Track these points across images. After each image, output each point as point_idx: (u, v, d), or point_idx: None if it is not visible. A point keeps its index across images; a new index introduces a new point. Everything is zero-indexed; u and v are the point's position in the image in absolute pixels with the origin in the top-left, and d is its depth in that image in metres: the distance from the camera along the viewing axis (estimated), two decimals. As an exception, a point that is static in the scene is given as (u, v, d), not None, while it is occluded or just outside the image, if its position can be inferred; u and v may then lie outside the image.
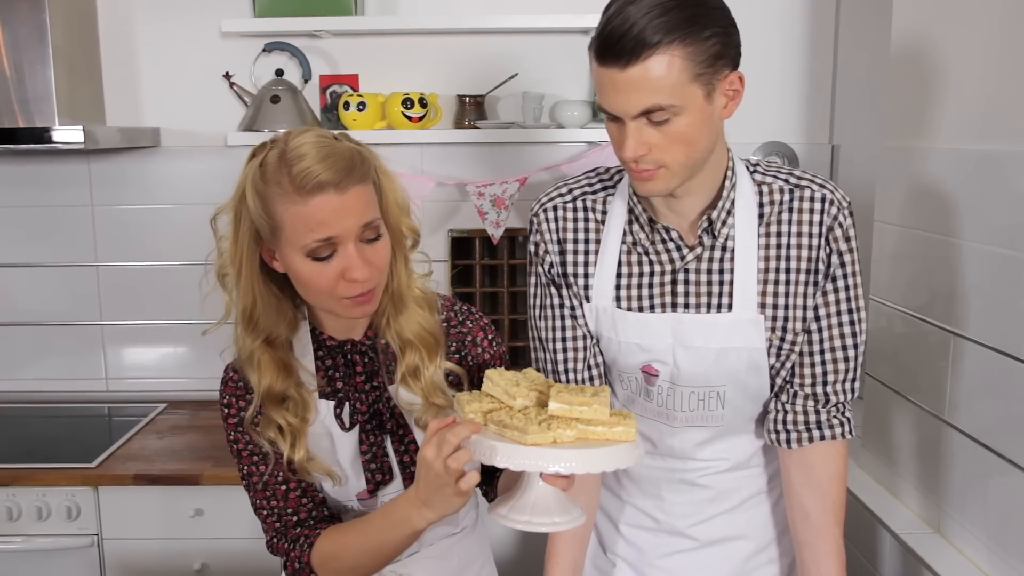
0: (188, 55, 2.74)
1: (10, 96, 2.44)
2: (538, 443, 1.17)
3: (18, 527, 2.32)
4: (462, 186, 2.68)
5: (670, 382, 1.50)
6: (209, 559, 2.36)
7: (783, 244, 1.46)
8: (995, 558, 1.74)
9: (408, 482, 1.45)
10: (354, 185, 1.27)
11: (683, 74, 1.26)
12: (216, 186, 2.73)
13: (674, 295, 1.47)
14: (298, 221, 1.25)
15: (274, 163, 1.27)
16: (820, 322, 1.47)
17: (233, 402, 1.43)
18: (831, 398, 1.50)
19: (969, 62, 1.84)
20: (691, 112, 1.29)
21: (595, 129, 2.66)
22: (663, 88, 1.26)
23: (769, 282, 1.46)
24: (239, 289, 1.35)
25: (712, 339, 1.46)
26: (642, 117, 1.29)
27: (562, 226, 1.53)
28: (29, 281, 2.86)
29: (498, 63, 2.70)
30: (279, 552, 1.43)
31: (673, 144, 1.31)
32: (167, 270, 2.85)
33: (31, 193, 2.81)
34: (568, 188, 1.55)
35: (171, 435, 2.57)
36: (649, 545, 1.64)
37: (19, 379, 2.90)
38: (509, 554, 2.36)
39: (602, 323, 1.51)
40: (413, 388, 1.41)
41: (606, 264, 1.50)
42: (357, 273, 1.28)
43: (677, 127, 1.29)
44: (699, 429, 1.54)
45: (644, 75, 1.25)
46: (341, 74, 2.73)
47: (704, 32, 1.27)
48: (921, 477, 2.02)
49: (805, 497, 1.52)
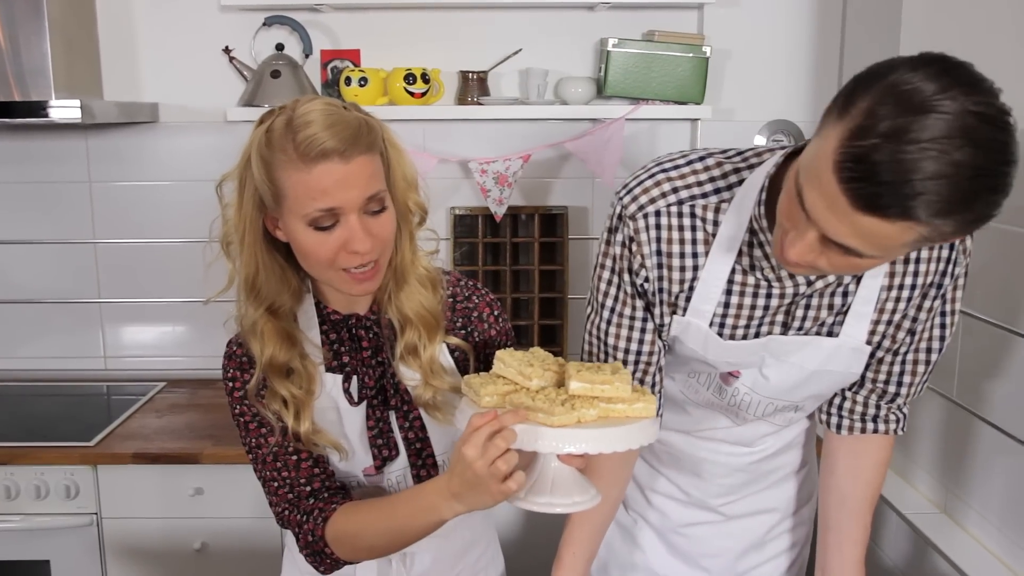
0: (187, 29, 2.70)
1: (5, 69, 2.39)
2: (564, 424, 1.14)
3: (16, 506, 2.30)
4: (465, 163, 2.65)
5: (750, 388, 1.40)
6: (209, 538, 2.34)
7: (912, 259, 1.31)
8: (1004, 539, 1.72)
9: (413, 458, 1.43)
10: (359, 155, 1.23)
11: (909, 245, 1.04)
12: (216, 162, 2.70)
13: (787, 316, 1.34)
14: (301, 189, 1.22)
15: (280, 129, 1.24)
16: (916, 324, 1.36)
17: (237, 375, 1.40)
18: (899, 398, 1.43)
19: (980, 37, 1.81)
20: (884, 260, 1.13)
21: (599, 106, 2.63)
22: (880, 246, 1.03)
23: (889, 299, 1.33)
24: (242, 257, 1.33)
25: (809, 360, 1.36)
26: (837, 247, 1.07)
27: (666, 236, 1.31)
28: (26, 258, 2.83)
29: (502, 39, 2.67)
30: (290, 524, 1.40)
31: (844, 266, 1.11)
32: (166, 247, 2.82)
33: (27, 169, 2.78)
34: (673, 187, 1.31)
35: (170, 414, 2.55)
36: (676, 514, 1.62)
37: (17, 357, 2.87)
38: (514, 535, 2.35)
39: (690, 337, 1.36)
40: (412, 365, 1.40)
41: (711, 284, 1.31)
42: (359, 245, 1.25)
43: (861, 263, 1.10)
44: (765, 424, 1.50)
45: (874, 231, 1.00)
46: (343, 49, 2.69)
47: (987, 215, 1.01)
48: (929, 458, 2.01)
49: (846, 484, 1.48)
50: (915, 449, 2.06)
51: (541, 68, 2.64)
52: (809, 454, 1.62)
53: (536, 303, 2.78)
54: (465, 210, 2.74)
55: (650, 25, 2.65)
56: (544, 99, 2.65)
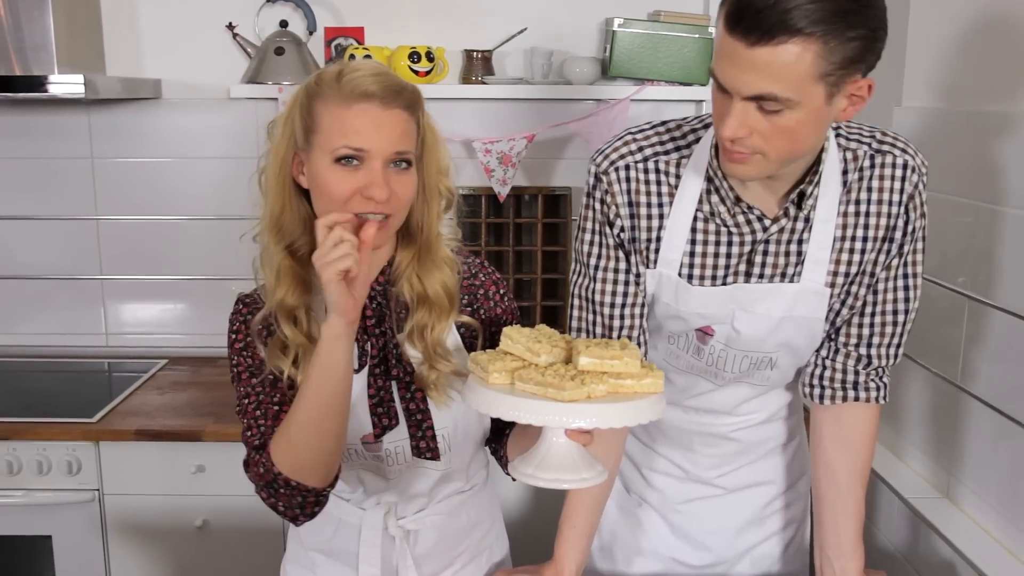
0: (190, 5, 2.68)
1: (6, 44, 2.38)
2: (576, 399, 1.15)
3: (18, 481, 2.30)
4: (468, 143, 2.64)
5: (724, 344, 1.47)
6: (210, 516, 2.35)
7: (862, 212, 1.41)
8: (1004, 522, 1.73)
9: (413, 429, 1.43)
10: (398, 108, 1.30)
11: (811, 70, 1.15)
12: (218, 139, 2.75)
13: (749, 264, 1.43)
14: (336, 124, 1.28)
15: (331, 73, 1.32)
16: (878, 284, 1.45)
17: (242, 328, 1.42)
18: (873, 360, 1.48)
19: (1002, 18, 1.80)
20: (805, 110, 1.19)
21: (604, 86, 2.62)
22: (785, 79, 1.15)
23: (844, 251, 1.42)
24: (272, 193, 1.37)
25: (775, 307, 1.43)
26: (752, 101, 1.19)
27: (634, 188, 1.44)
28: (28, 234, 2.82)
29: (507, 18, 2.66)
30: (251, 465, 1.35)
31: (777, 135, 1.22)
32: (168, 224, 2.81)
33: (29, 144, 2.77)
34: (638, 145, 1.45)
35: (172, 391, 2.55)
36: (674, 491, 1.66)
37: (18, 333, 2.87)
38: (518, 514, 2.36)
39: (663, 290, 1.46)
40: (416, 346, 1.41)
41: (676, 232, 1.43)
42: (376, 192, 1.28)
43: (786, 121, 1.20)
44: (745, 386, 1.54)
45: (769, 60, 1.14)
46: (346, 26, 2.68)
47: (850, 32, 1.14)
48: (930, 441, 2.01)
49: (834, 455, 1.52)
50: (915, 432, 2.07)
51: (546, 48, 2.63)
52: (796, 428, 1.66)
53: (539, 284, 2.78)
54: (468, 190, 2.74)
55: (656, 5, 2.63)
56: (548, 79, 2.64)
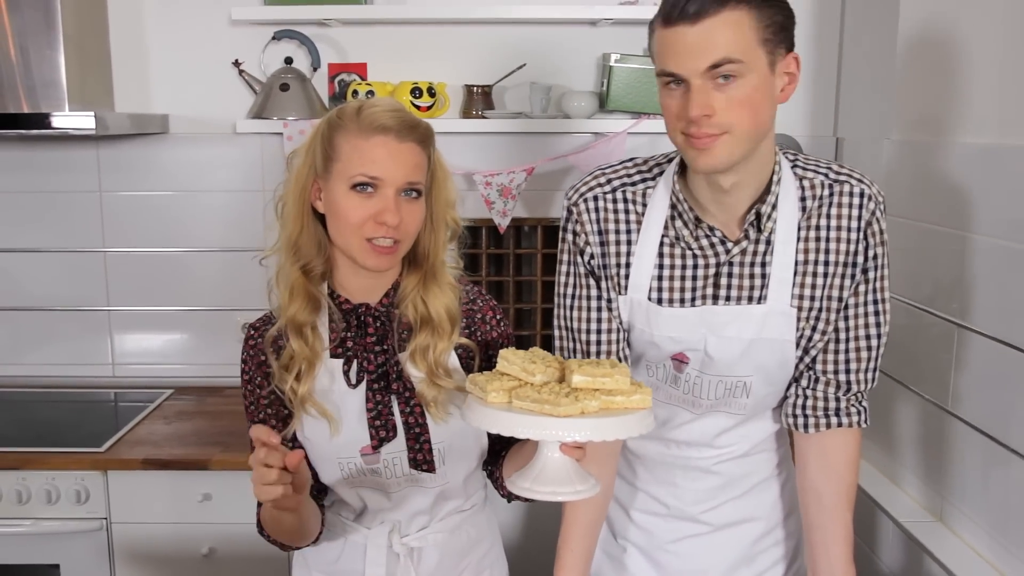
0: (198, 42, 2.75)
1: (16, 81, 2.44)
2: (571, 414, 1.21)
3: (27, 510, 2.33)
4: (469, 175, 2.69)
5: (699, 370, 1.51)
6: (217, 543, 2.38)
7: (822, 238, 1.48)
8: (996, 545, 1.76)
9: (411, 442, 1.51)
10: (412, 141, 1.43)
11: (752, 33, 1.30)
12: (224, 172, 2.80)
13: (716, 287, 1.49)
14: (355, 153, 1.40)
15: (351, 108, 1.44)
16: (848, 311, 1.50)
17: (248, 360, 1.52)
18: (852, 386, 1.52)
19: (980, 55, 1.85)
20: (757, 76, 1.31)
21: (601, 120, 2.68)
22: (734, 42, 1.28)
23: (807, 274, 1.48)
24: (290, 217, 1.48)
25: (744, 330, 1.48)
26: (709, 77, 1.30)
27: (603, 216, 1.53)
28: (37, 266, 2.87)
29: (506, 53, 2.71)
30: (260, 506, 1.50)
31: (738, 107, 1.31)
32: (174, 256, 2.86)
33: (39, 178, 2.82)
34: (607, 178, 1.55)
35: (178, 420, 2.59)
36: (660, 530, 1.66)
37: (26, 364, 2.91)
38: (516, 537, 2.39)
39: (636, 315, 1.53)
40: (419, 365, 1.49)
41: (644, 257, 1.51)
42: (389, 217, 1.39)
43: (743, 90, 1.31)
44: (723, 416, 1.57)
45: (718, 27, 1.28)
46: (350, 63, 2.74)
47: (770, 1, 1.31)
48: (923, 466, 2.05)
49: (819, 481, 1.55)
50: (908, 456, 2.11)
51: (545, 82, 2.69)
52: (783, 463, 1.67)
53: (539, 313, 2.82)
54: (469, 221, 2.76)
55: (651, 41, 2.69)
56: (547, 113, 2.70)
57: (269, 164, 2.78)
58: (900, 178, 2.15)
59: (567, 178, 2.77)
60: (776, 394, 1.57)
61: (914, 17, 2.10)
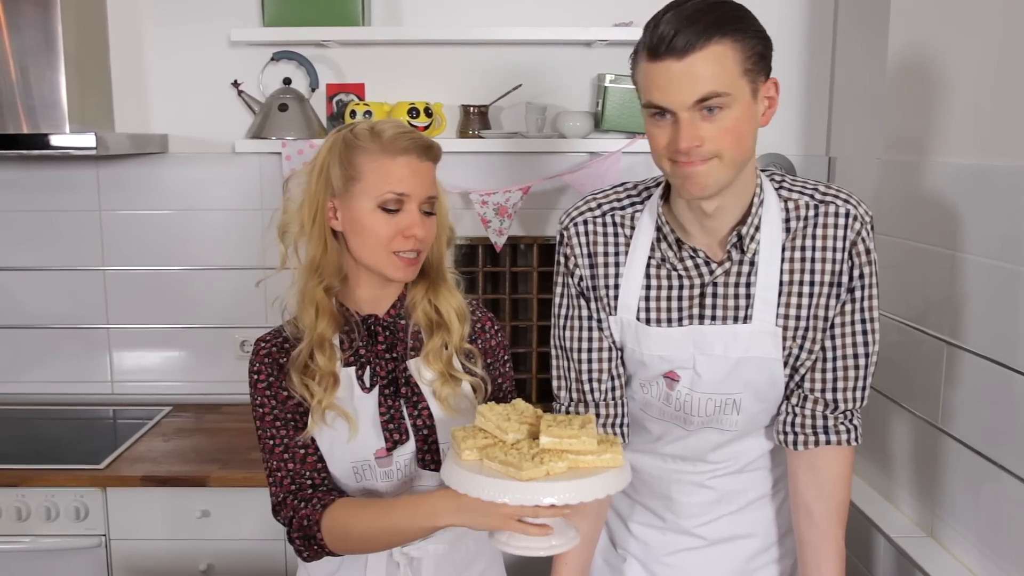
0: (197, 63, 2.78)
1: (16, 101, 2.47)
2: (533, 477, 1.25)
3: (27, 527, 2.35)
4: (466, 195, 2.72)
5: (689, 388, 1.54)
6: (215, 560, 2.39)
7: (807, 258, 1.51)
8: (986, 561, 1.78)
9: (420, 443, 1.57)
10: (429, 160, 1.54)
11: (735, 66, 1.34)
12: (223, 192, 2.83)
13: (701, 307, 1.53)
14: (381, 174, 1.48)
15: (364, 130, 1.52)
16: (835, 330, 1.53)
17: (263, 369, 1.56)
18: (840, 404, 1.54)
19: (968, 75, 1.88)
20: (741, 106, 1.35)
21: (596, 140, 2.71)
22: (720, 76, 1.32)
23: (792, 294, 1.51)
24: (310, 239, 1.54)
25: (731, 349, 1.51)
26: (696, 109, 1.33)
27: (592, 240, 1.58)
28: (36, 284, 2.89)
29: (502, 74, 2.75)
30: (287, 509, 1.52)
31: (725, 135, 1.35)
32: (173, 274, 2.88)
33: (39, 197, 2.85)
34: (597, 203, 1.60)
35: (177, 438, 2.60)
36: (657, 543, 1.70)
37: (26, 381, 2.93)
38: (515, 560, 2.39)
39: (626, 335, 1.57)
40: (433, 366, 1.57)
41: (632, 279, 1.55)
42: (418, 231, 1.50)
43: (729, 120, 1.35)
44: (714, 432, 1.59)
45: (703, 62, 1.31)
46: (348, 83, 2.78)
47: (749, 31, 1.36)
48: (915, 482, 2.07)
49: (810, 498, 1.57)
50: (900, 473, 2.12)
51: (540, 103, 2.72)
52: (780, 481, 1.68)
53: (535, 331, 2.85)
54: (465, 240, 2.81)
55: (646, 62, 2.72)
56: (543, 133, 2.72)
57: (268, 184, 2.80)
58: (889, 197, 2.18)
59: (563, 197, 2.80)
60: (768, 411, 1.59)
61: (903, 41, 2.14)
